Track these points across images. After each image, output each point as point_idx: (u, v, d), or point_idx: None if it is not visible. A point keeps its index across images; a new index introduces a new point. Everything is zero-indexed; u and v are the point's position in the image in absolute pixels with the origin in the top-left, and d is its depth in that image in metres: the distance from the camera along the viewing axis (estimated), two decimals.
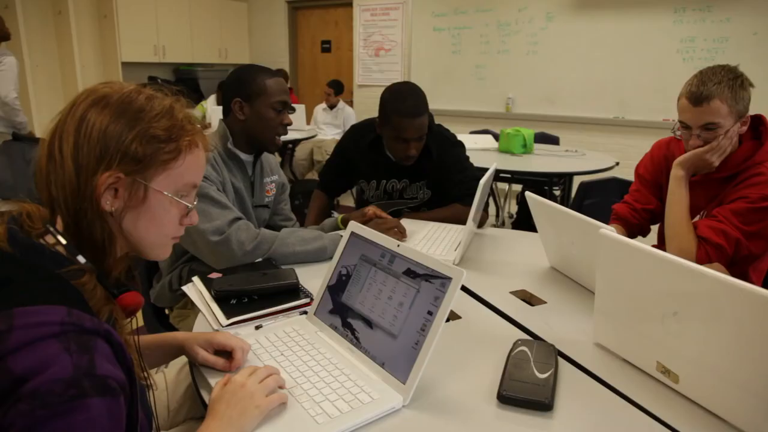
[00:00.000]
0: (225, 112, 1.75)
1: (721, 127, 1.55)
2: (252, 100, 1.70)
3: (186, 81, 7.12)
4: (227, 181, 1.67)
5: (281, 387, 0.94)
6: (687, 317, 0.94)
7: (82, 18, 6.21)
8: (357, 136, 2.26)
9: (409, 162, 2.05)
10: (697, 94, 1.54)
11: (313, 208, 2.39)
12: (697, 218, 1.67)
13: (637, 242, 1.01)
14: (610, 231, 1.08)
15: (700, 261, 1.55)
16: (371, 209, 1.87)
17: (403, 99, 1.95)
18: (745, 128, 1.60)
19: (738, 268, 1.64)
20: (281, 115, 1.73)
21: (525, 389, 0.95)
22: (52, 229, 0.77)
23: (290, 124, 1.77)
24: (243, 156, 1.75)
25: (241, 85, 1.70)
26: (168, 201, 0.83)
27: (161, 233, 0.85)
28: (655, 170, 1.87)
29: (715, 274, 0.87)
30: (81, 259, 0.76)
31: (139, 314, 0.85)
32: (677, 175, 1.67)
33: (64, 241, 0.76)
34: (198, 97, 6.45)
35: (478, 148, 3.94)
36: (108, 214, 0.78)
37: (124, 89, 0.80)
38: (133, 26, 6.42)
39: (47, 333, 0.64)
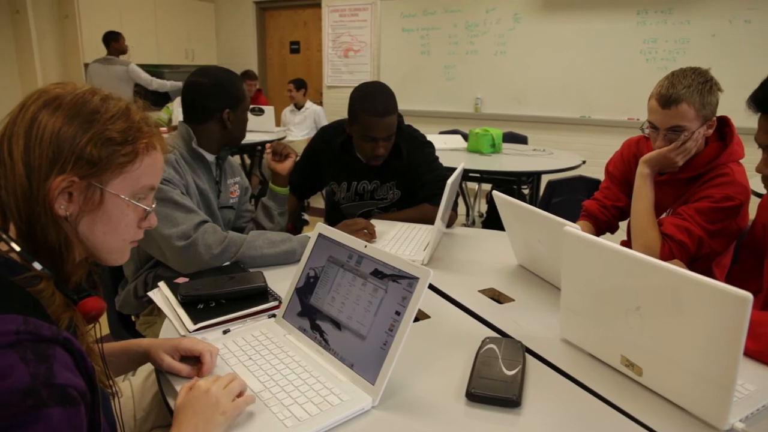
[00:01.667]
0: (194, 117, 1.70)
1: (687, 130, 1.59)
2: (236, 106, 1.71)
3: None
4: (191, 183, 1.65)
5: (242, 393, 0.93)
6: (649, 312, 0.96)
7: (42, 18, 6.05)
8: (327, 137, 2.25)
9: (378, 162, 2.05)
10: (666, 96, 1.57)
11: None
12: (663, 216, 1.71)
13: (600, 239, 1.03)
14: (574, 228, 1.09)
15: (663, 257, 1.59)
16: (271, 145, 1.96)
17: (372, 98, 1.95)
18: (711, 131, 1.64)
19: (701, 264, 1.68)
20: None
21: (493, 386, 0.96)
22: (4, 235, 0.75)
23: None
24: (208, 156, 1.73)
25: (227, 95, 1.70)
26: (125, 204, 0.81)
27: (119, 237, 0.83)
28: (624, 168, 1.91)
29: (675, 269, 0.89)
30: (37, 265, 0.74)
31: (105, 322, 0.84)
32: (643, 172, 1.70)
33: (17, 248, 0.74)
34: (164, 99, 6.34)
35: (448, 148, 3.96)
36: (63, 219, 0.76)
37: (77, 90, 0.78)
38: (97, 27, 6.27)
39: (2, 343, 0.62)
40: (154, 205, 0.88)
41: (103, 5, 6.35)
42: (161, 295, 1.36)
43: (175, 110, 5.15)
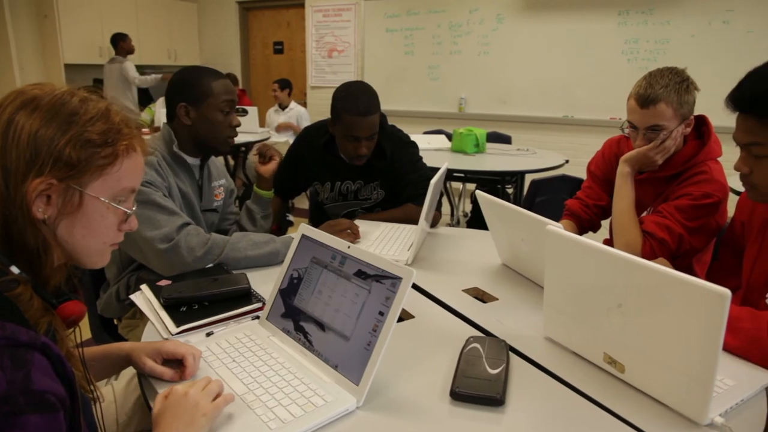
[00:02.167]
0: (169, 116, 1.70)
1: (665, 129, 1.61)
2: (198, 103, 1.65)
3: None
4: (173, 186, 1.63)
5: (220, 394, 0.92)
6: (630, 309, 0.97)
7: (20, 17, 5.96)
8: (310, 137, 2.24)
9: (361, 162, 2.05)
10: (644, 96, 1.60)
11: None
12: (644, 214, 1.73)
13: (582, 237, 1.04)
14: (557, 227, 1.10)
15: (645, 255, 1.61)
16: (258, 146, 1.90)
17: (355, 98, 1.95)
18: (689, 129, 1.67)
19: (682, 261, 1.70)
20: (229, 117, 1.69)
21: (477, 385, 0.97)
22: None
23: (238, 125, 1.73)
24: (189, 159, 1.71)
25: (185, 89, 1.65)
26: (105, 207, 0.80)
27: (99, 240, 0.82)
28: (606, 167, 1.93)
29: (655, 266, 0.91)
30: (14, 269, 0.73)
31: (86, 326, 0.83)
32: (623, 171, 1.72)
33: None
34: (146, 99, 6.29)
35: (432, 148, 3.97)
36: (41, 222, 0.75)
37: (55, 91, 0.77)
38: (76, 26, 6.21)
39: None
40: (134, 208, 0.87)
41: (83, 4, 6.27)
42: (143, 298, 1.34)
43: (158, 111, 5.10)
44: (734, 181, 2.41)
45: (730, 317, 1.13)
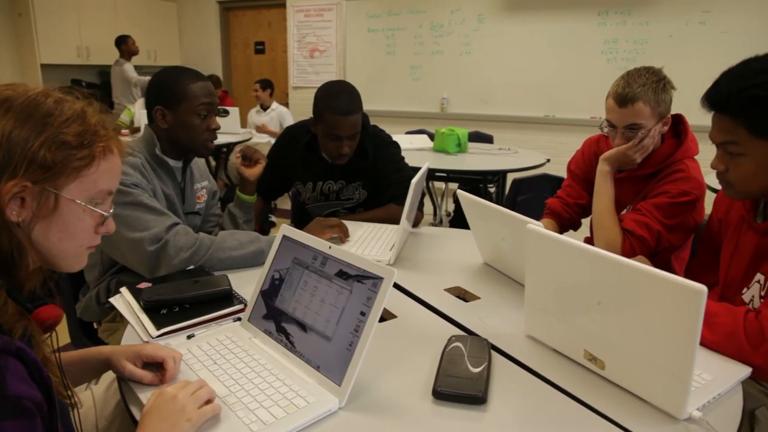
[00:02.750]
0: (149, 119, 1.68)
1: (643, 128, 1.63)
2: (174, 106, 1.62)
3: None
4: (157, 188, 1.62)
5: (211, 401, 0.91)
6: (610, 306, 0.98)
7: None
8: (291, 137, 2.23)
9: (342, 161, 2.05)
10: (622, 95, 1.62)
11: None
12: (624, 212, 1.75)
13: (561, 236, 1.05)
14: (537, 226, 1.11)
15: (624, 252, 1.63)
16: (240, 147, 1.86)
17: (336, 96, 1.95)
18: (666, 128, 1.69)
19: (661, 258, 1.73)
20: (207, 120, 1.67)
21: (459, 384, 0.97)
22: None
23: (217, 128, 1.71)
24: (171, 162, 1.69)
25: (161, 92, 1.63)
26: (81, 210, 0.79)
27: (75, 243, 0.81)
28: (585, 166, 1.95)
29: (633, 263, 0.92)
30: None
31: (65, 330, 0.81)
32: (603, 170, 1.74)
33: None
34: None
35: (414, 148, 3.98)
36: (15, 225, 0.74)
37: (29, 92, 0.76)
38: (53, 25, 6.10)
39: None
40: (111, 210, 0.86)
41: (60, 3, 6.16)
42: (123, 301, 1.33)
43: (137, 112, 5.04)
44: (711, 179, 2.45)
45: (707, 313, 1.15)
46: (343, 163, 2.06)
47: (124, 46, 6.14)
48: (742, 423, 0.94)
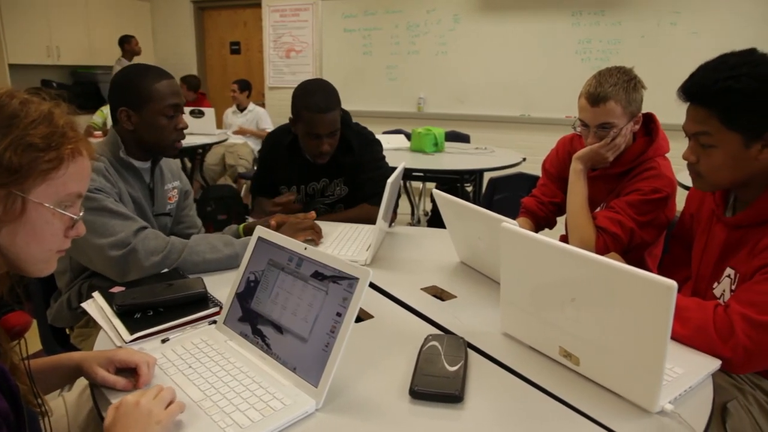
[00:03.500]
0: (113, 120, 1.64)
1: (615, 126, 1.66)
2: (140, 107, 1.59)
3: (85, 85, 6.72)
4: (124, 191, 1.59)
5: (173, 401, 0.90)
6: (583, 303, 0.99)
7: None
8: (274, 141, 2.23)
9: (323, 160, 2.04)
10: (594, 95, 1.64)
11: (255, 213, 2.33)
12: (597, 210, 1.77)
13: (535, 234, 1.06)
14: (512, 224, 1.12)
15: (598, 249, 1.65)
16: (275, 219, 1.75)
17: (313, 94, 1.95)
18: (637, 127, 1.72)
19: (634, 255, 1.75)
20: (174, 120, 1.63)
21: (436, 383, 0.97)
22: None
23: (185, 127, 1.67)
24: (137, 164, 1.66)
25: (125, 92, 1.60)
26: (50, 213, 0.78)
27: (44, 248, 0.80)
28: (560, 165, 1.97)
29: (604, 260, 0.93)
30: None
31: (36, 337, 0.79)
32: (576, 168, 1.76)
33: None
34: (98, 102, 6.09)
35: (391, 148, 3.98)
36: None
37: None
38: (21, 24, 5.94)
39: None
40: (81, 213, 0.84)
41: (28, 1, 6.01)
42: (96, 306, 1.30)
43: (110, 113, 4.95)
44: (683, 177, 2.51)
45: (678, 307, 1.17)
46: (324, 162, 2.06)
47: (127, 45, 6.24)
48: (713, 415, 0.96)
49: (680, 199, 1.77)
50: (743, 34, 4.68)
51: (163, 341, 1.15)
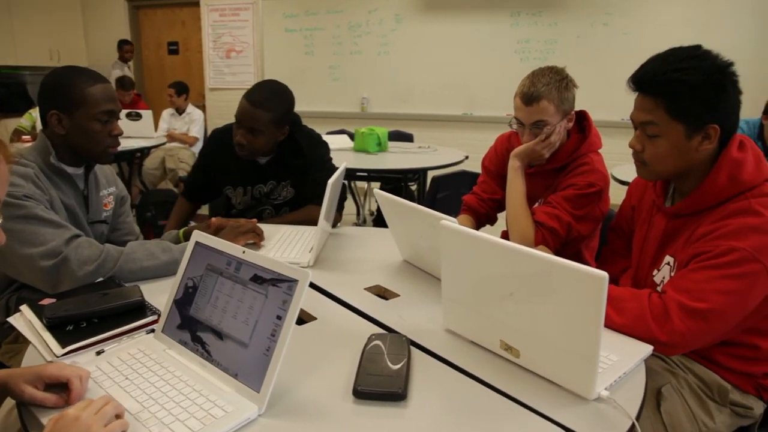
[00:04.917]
0: (43, 123, 1.56)
1: (549, 124, 1.71)
2: (71, 111, 1.51)
3: (10, 86, 6.39)
4: (55, 198, 1.51)
5: (120, 416, 0.87)
6: (521, 296, 1.01)
7: None
8: (218, 140, 2.18)
9: (242, 152, 2.01)
10: (528, 94, 1.69)
11: (173, 215, 2.27)
12: (536, 206, 1.82)
13: (472, 230, 1.08)
14: (451, 222, 1.13)
15: (537, 244, 1.69)
16: (215, 220, 1.73)
17: (257, 87, 2.00)
18: (571, 124, 1.77)
19: (572, 248, 1.81)
20: (108, 126, 1.56)
21: (379, 382, 0.97)
22: None
23: (120, 134, 1.60)
24: (70, 170, 1.59)
25: (56, 95, 1.52)
26: None
27: None
28: (499, 162, 2.01)
29: (538, 254, 0.96)
30: None
31: None
32: (513, 165, 1.80)
33: None
34: (26, 104, 5.80)
35: (335, 149, 3.92)
36: None
37: None
38: None
39: None
40: (0, 221, 0.80)
41: None
42: (24, 320, 1.24)
43: (39, 117, 4.73)
44: (617, 171, 2.61)
45: (614, 298, 1.22)
46: (243, 155, 2.02)
47: (120, 50, 6.66)
48: (646, 399, 1.00)
49: (613, 192, 1.84)
50: (671, 35, 4.91)
51: (98, 353, 1.10)
